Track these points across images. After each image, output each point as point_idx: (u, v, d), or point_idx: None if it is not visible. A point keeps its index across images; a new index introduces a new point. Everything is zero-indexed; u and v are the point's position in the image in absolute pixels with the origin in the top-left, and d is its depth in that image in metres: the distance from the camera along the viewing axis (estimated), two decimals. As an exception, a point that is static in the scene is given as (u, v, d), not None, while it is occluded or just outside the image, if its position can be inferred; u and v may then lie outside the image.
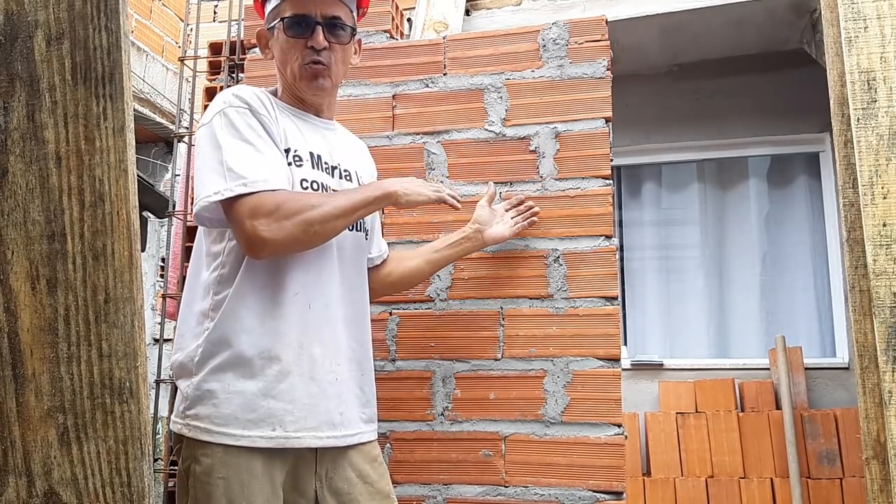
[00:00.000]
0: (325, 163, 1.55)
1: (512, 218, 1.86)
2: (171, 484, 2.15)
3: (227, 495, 1.33)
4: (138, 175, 1.11)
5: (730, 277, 4.50)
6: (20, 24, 0.88)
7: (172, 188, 3.32)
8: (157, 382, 2.30)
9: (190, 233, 2.31)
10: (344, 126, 1.77)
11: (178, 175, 2.69)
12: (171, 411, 2.19)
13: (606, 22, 1.98)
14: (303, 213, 1.37)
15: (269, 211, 1.35)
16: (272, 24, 1.57)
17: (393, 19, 2.23)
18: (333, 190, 1.53)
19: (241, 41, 2.32)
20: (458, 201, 1.67)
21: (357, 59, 1.67)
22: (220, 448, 1.35)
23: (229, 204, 1.36)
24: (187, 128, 2.42)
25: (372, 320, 1.78)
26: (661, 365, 4.30)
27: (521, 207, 1.88)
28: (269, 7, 1.59)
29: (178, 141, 2.37)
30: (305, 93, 1.57)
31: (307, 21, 1.52)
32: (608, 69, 1.94)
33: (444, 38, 2.09)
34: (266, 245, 1.36)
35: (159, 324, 3.09)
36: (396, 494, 1.85)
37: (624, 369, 2.36)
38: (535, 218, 1.88)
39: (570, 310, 1.85)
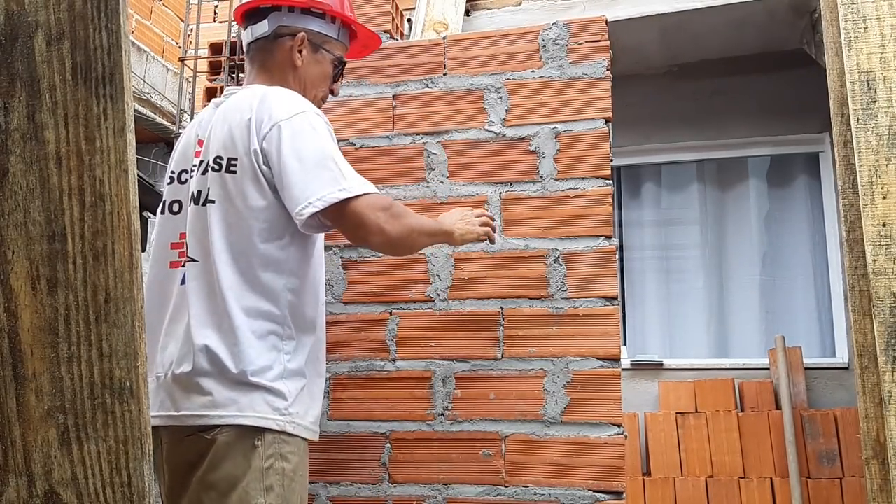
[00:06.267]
0: None
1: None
2: (171, 484, 2.14)
3: (301, 493, 1.44)
4: (138, 175, 1.11)
5: (730, 277, 4.49)
6: (20, 25, 0.88)
7: (172, 188, 3.30)
8: (158, 382, 2.30)
9: (190, 233, 2.30)
10: (344, 126, 1.78)
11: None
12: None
13: (606, 22, 1.98)
14: (408, 217, 1.50)
15: (385, 206, 1.45)
16: (324, 45, 1.63)
17: (393, 19, 2.23)
18: None
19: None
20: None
21: None
22: (304, 444, 1.45)
23: (346, 201, 1.40)
24: (187, 128, 2.41)
25: (372, 320, 1.78)
26: (661, 365, 4.29)
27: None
28: (329, 31, 1.64)
29: (179, 141, 2.36)
30: None
31: (343, 69, 1.70)
32: (608, 69, 1.94)
33: (444, 38, 2.09)
34: (381, 235, 1.43)
35: (159, 324, 3.08)
36: (397, 494, 1.86)
37: (624, 369, 2.36)
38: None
39: (570, 310, 1.85)
